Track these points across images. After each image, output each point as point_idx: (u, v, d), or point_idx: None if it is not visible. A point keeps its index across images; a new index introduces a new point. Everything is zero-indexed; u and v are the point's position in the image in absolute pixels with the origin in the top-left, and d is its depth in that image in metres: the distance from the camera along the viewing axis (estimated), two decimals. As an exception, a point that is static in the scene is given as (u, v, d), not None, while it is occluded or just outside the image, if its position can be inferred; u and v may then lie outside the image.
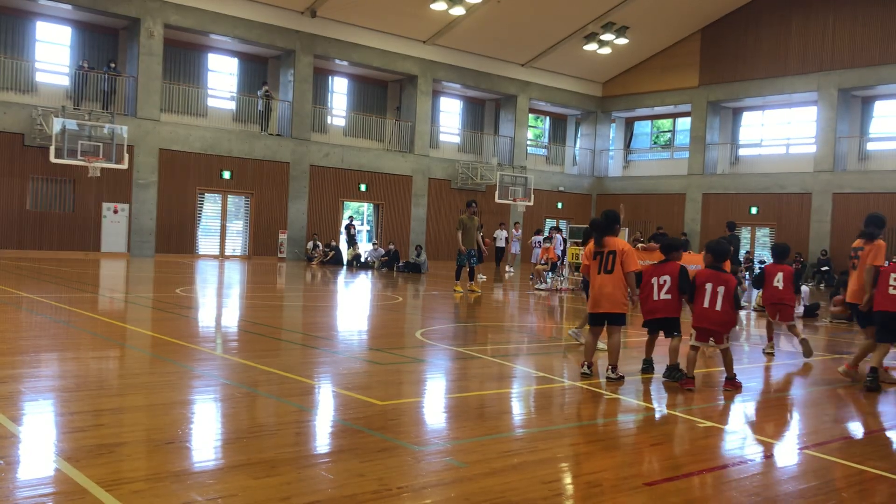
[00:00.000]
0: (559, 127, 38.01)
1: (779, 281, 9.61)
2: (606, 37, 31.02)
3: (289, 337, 9.70)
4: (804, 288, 15.15)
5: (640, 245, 18.56)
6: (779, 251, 10.16)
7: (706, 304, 7.08)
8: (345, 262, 26.82)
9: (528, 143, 35.18)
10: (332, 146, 28.66)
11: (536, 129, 37.63)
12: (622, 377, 7.32)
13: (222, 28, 25.54)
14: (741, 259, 22.46)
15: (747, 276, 28.74)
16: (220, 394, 6.22)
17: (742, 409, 6.68)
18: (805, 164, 30.07)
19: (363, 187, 29.38)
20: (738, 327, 9.70)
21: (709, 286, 7.08)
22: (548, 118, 37.68)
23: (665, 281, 7.49)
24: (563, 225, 35.94)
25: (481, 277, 22.00)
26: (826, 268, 27.46)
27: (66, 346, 8.11)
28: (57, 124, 21.41)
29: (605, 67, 34.66)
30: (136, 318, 11.19)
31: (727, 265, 7.41)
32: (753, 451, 5.26)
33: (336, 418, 5.61)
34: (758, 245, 31.44)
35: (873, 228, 8.14)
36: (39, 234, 23.07)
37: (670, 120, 36.42)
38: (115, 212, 24.20)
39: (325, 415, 5.77)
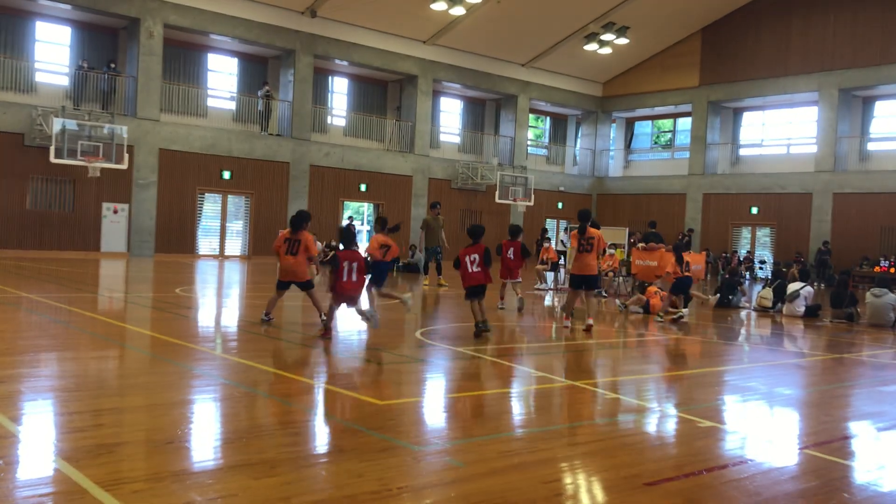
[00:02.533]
0: (559, 127, 38.00)
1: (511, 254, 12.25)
2: (607, 37, 31.00)
3: (289, 337, 9.70)
4: (808, 288, 15.13)
5: (640, 245, 18.58)
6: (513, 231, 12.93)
7: (345, 279, 9.06)
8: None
9: (529, 143, 35.17)
10: (332, 146, 28.66)
11: (537, 129, 37.62)
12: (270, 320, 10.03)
13: (222, 28, 25.54)
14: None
15: (747, 276, 28.76)
16: (220, 394, 6.22)
17: (743, 410, 6.67)
18: (806, 164, 30.06)
19: (363, 187, 29.37)
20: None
21: (346, 263, 9.03)
22: (548, 118, 37.67)
23: (475, 258, 10.01)
24: (563, 225, 35.94)
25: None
26: (826, 257, 27.16)
27: (66, 346, 8.11)
28: (57, 124, 21.40)
29: (606, 67, 34.65)
30: (136, 318, 11.18)
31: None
32: (753, 451, 5.26)
33: (336, 418, 5.60)
34: (758, 245, 31.45)
35: (586, 222, 11.83)
36: (39, 234, 23.07)
37: (671, 120, 36.42)
38: (115, 212, 24.19)
39: (325, 415, 5.76)
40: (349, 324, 12.02)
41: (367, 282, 10.12)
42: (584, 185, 36.73)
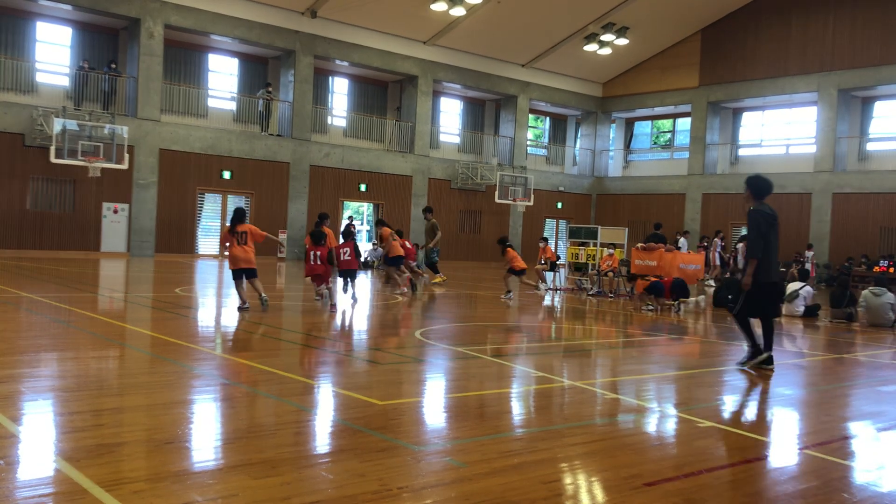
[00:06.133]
0: (559, 127, 38.01)
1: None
2: (606, 37, 31.03)
3: (289, 337, 9.70)
4: (807, 288, 15.13)
5: (640, 245, 18.61)
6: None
7: (311, 262, 12.33)
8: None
9: (528, 143, 35.18)
10: (333, 146, 28.67)
11: (536, 130, 37.64)
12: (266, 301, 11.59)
13: (222, 28, 25.55)
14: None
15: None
16: (220, 394, 6.22)
17: (742, 409, 6.68)
18: (805, 164, 30.07)
19: (363, 187, 29.38)
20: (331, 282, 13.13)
21: (312, 252, 12.25)
22: (548, 118, 37.68)
23: (346, 251, 13.02)
24: (562, 225, 35.96)
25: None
26: (846, 275, 25.33)
27: (66, 346, 8.11)
28: (57, 124, 21.42)
29: (606, 68, 34.67)
30: (136, 318, 11.19)
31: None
32: (753, 451, 5.26)
33: (336, 418, 5.61)
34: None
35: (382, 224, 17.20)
36: (39, 234, 23.07)
37: (670, 120, 36.43)
38: (115, 212, 24.20)
39: (325, 415, 5.76)
40: (350, 324, 12.03)
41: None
42: (584, 186, 36.75)
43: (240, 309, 11.45)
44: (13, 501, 3.63)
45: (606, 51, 31.91)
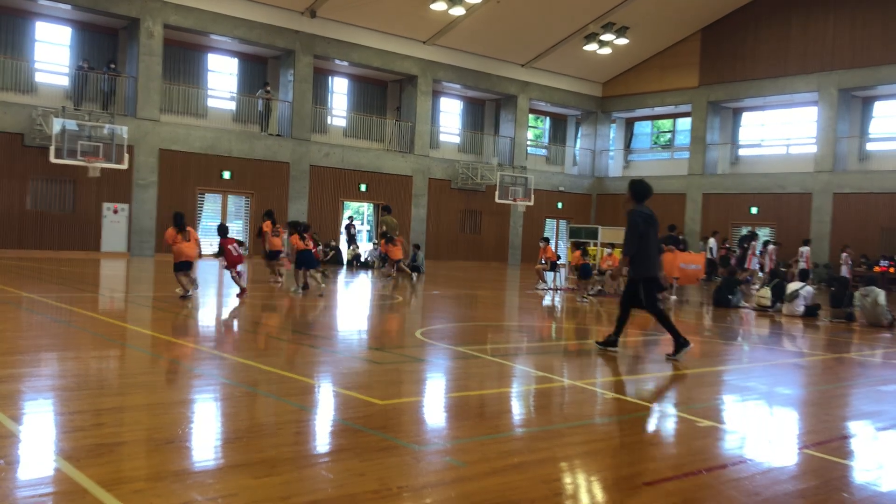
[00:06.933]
0: (559, 127, 38.01)
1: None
2: (606, 37, 31.02)
3: (289, 337, 9.70)
4: (808, 288, 15.12)
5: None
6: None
7: (234, 254, 14.01)
8: (345, 261, 26.83)
9: (529, 143, 35.18)
10: (332, 146, 28.66)
11: (536, 130, 37.63)
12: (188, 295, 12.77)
13: (222, 28, 25.54)
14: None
15: (749, 276, 28.76)
16: (220, 393, 6.22)
17: (742, 409, 6.68)
18: (805, 164, 30.07)
19: (363, 187, 29.38)
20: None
21: (230, 245, 13.95)
22: (548, 118, 37.67)
23: (235, 246, 14.48)
24: (563, 225, 35.97)
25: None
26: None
27: (67, 346, 8.11)
28: (57, 124, 21.40)
29: (606, 67, 34.66)
30: (136, 317, 11.19)
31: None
32: (752, 451, 5.27)
33: (336, 418, 5.61)
34: (759, 245, 31.38)
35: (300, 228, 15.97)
36: (39, 234, 23.07)
37: (670, 120, 36.42)
38: (115, 212, 24.20)
39: (325, 414, 5.77)
40: (350, 323, 12.04)
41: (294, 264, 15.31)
42: (584, 186, 36.75)
43: (183, 297, 12.73)
44: (13, 501, 3.63)
45: (606, 50, 31.90)
